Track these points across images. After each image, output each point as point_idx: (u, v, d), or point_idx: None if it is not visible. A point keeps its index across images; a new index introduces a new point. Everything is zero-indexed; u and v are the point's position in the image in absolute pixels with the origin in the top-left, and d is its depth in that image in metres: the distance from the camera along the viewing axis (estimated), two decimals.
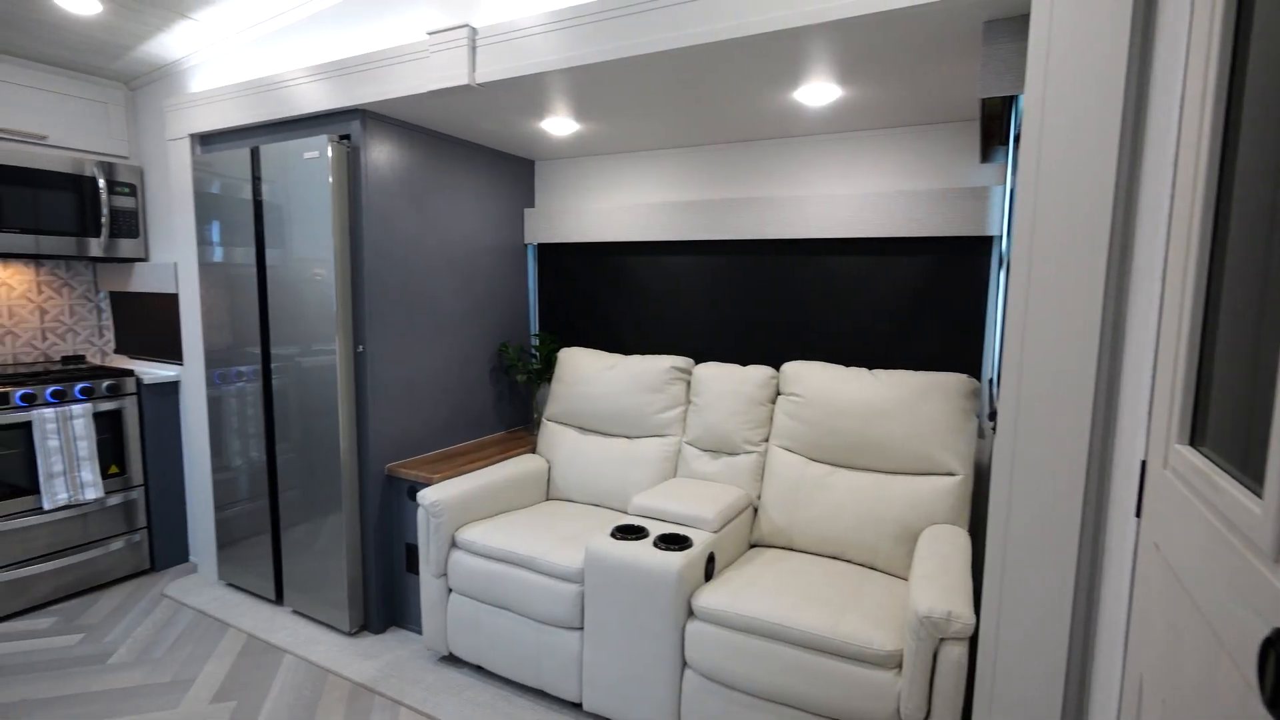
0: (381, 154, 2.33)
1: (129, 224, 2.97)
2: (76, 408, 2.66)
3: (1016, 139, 1.57)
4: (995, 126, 1.82)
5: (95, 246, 2.86)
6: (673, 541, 1.88)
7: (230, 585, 2.84)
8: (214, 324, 2.69)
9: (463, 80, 1.93)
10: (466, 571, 2.16)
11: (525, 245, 3.06)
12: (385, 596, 2.49)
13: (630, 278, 2.84)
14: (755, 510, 2.27)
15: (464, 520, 2.25)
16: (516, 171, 2.95)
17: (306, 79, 2.30)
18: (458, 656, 2.24)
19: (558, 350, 2.98)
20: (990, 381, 2.07)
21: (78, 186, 2.79)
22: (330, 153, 2.23)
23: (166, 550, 3.02)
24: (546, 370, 2.92)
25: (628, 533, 1.95)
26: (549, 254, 3.06)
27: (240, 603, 2.70)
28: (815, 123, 2.25)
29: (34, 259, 2.99)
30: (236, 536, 2.75)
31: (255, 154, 2.44)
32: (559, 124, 2.38)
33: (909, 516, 1.97)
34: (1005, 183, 2.00)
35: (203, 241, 2.67)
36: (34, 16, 2.33)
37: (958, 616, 1.40)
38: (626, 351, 2.87)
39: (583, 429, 2.66)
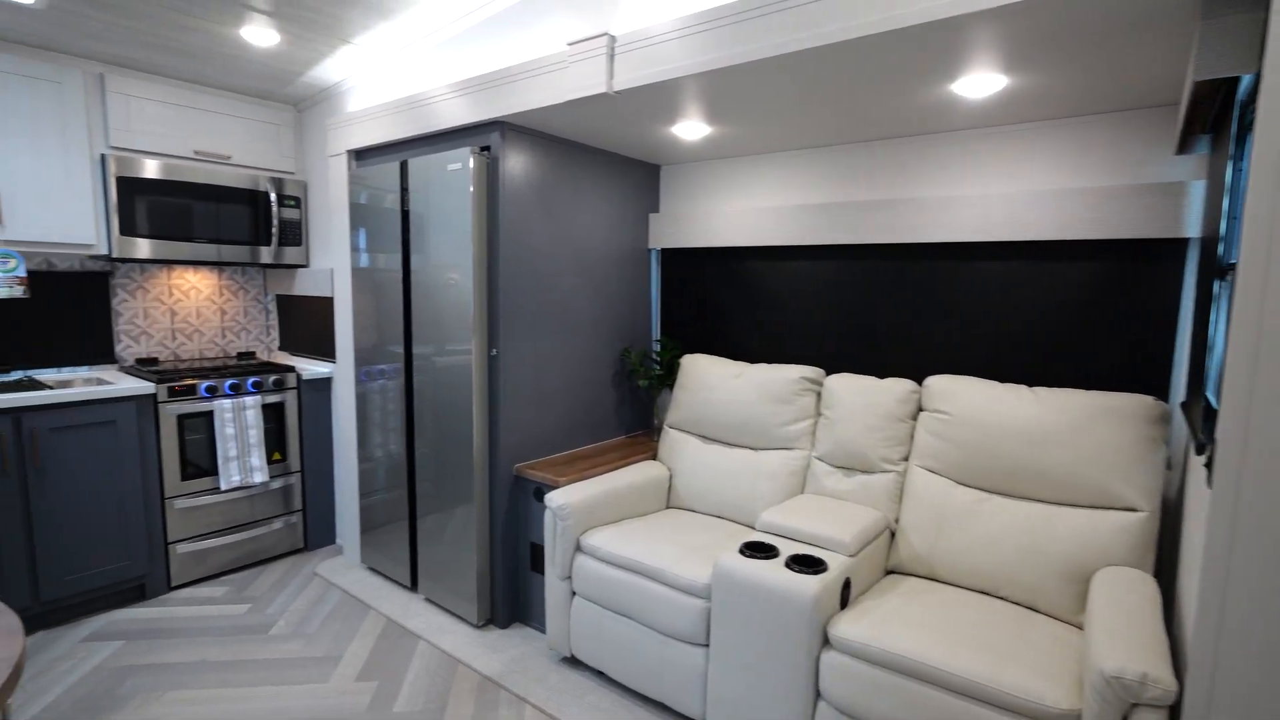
0: (517, 163, 2.41)
1: (294, 234, 3.27)
2: (249, 399, 2.95)
3: (1238, 126, 1.34)
4: (1201, 113, 1.58)
5: (266, 254, 3.17)
6: (805, 563, 1.79)
7: (371, 569, 3.05)
8: (363, 325, 2.90)
9: (600, 89, 1.94)
10: (591, 576, 2.17)
11: (649, 250, 3.06)
12: (510, 593, 2.56)
13: (757, 283, 2.76)
14: (892, 534, 2.11)
15: (589, 525, 2.27)
16: (642, 177, 2.96)
17: (450, 95, 2.42)
18: (580, 659, 2.26)
19: (680, 356, 2.95)
20: (1182, 405, 1.80)
21: (253, 200, 3.11)
22: (472, 164, 2.33)
23: (317, 532, 3.30)
24: (668, 376, 2.90)
25: (757, 550, 1.88)
26: (673, 259, 3.03)
27: (379, 587, 2.88)
28: (970, 116, 2.07)
29: (217, 265, 3.36)
30: (377, 522, 2.94)
31: (404, 167, 2.60)
32: (690, 128, 2.34)
33: (1079, 555, 1.75)
34: (1208, 178, 1.73)
35: (355, 249, 2.89)
36: (226, 51, 2.61)
37: (1156, 680, 1.22)
38: (751, 360, 2.79)
39: (705, 438, 2.61)
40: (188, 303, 3.30)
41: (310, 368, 3.25)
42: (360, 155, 2.97)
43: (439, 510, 2.63)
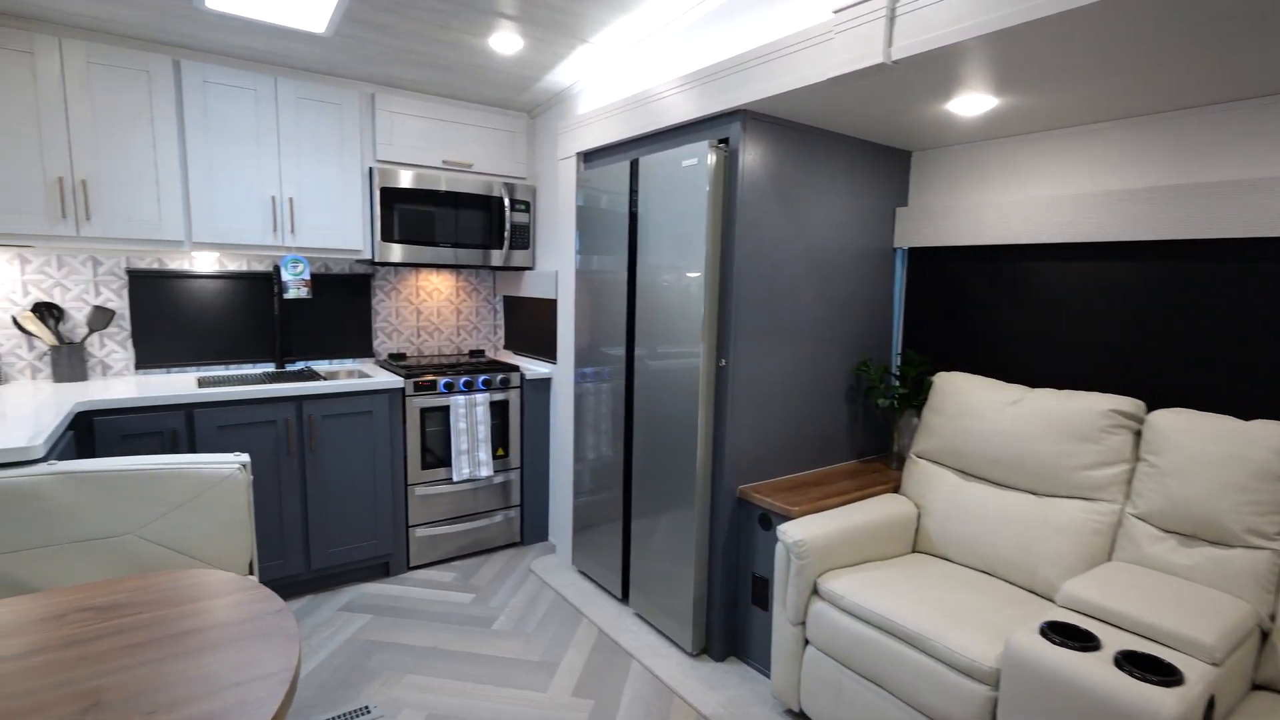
0: (756, 155, 2.18)
1: (523, 237, 3.38)
2: (479, 396, 3.09)
3: None
4: None
5: (497, 257, 3.31)
6: (1145, 666, 1.34)
7: (582, 573, 3.04)
8: (584, 327, 2.88)
9: (875, 59, 1.64)
10: (831, 628, 1.88)
11: (892, 250, 2.67)
12: (727, 623, 2.36)
13: (1036, 289, 2.25)
14: (1264, 635, 1.55)
15: (827, 565, 1.98)
16: (889, 165, 2.58)
17: (684, 87, 2.26)
18: (810, 717, 1.98)
19: (929, 373, 2.53)
20: None
21: (488, 206, 3.25)
22: (710, 159, 2.15)
23: (533, 528, 3.38)
24: (913, 395, 2.50)
25: (1067, 635, 1.45)
26: (922, 259, 2.61)
27: (590, 593, 2.85)
28: None
29: (456, 268, 3.59)
30: (589, 524, 2.91)
31: (634, 166, 2.51)
32: (971, 102, 1.94)
33: None
34: None
35: (580, 251, 2.87)
36: (475, 62, 2.72)
37: None
38: (1026, 382, 2.29)
39: (966, 473, 2.18)
40: (431, 303, 3.56)
41: (532, 367, 3.33)
42: (588, 157, 2.95)
43: (653, 521, 2.50)
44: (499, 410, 3.21)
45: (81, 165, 2.36)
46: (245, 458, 1.89)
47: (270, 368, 3.10)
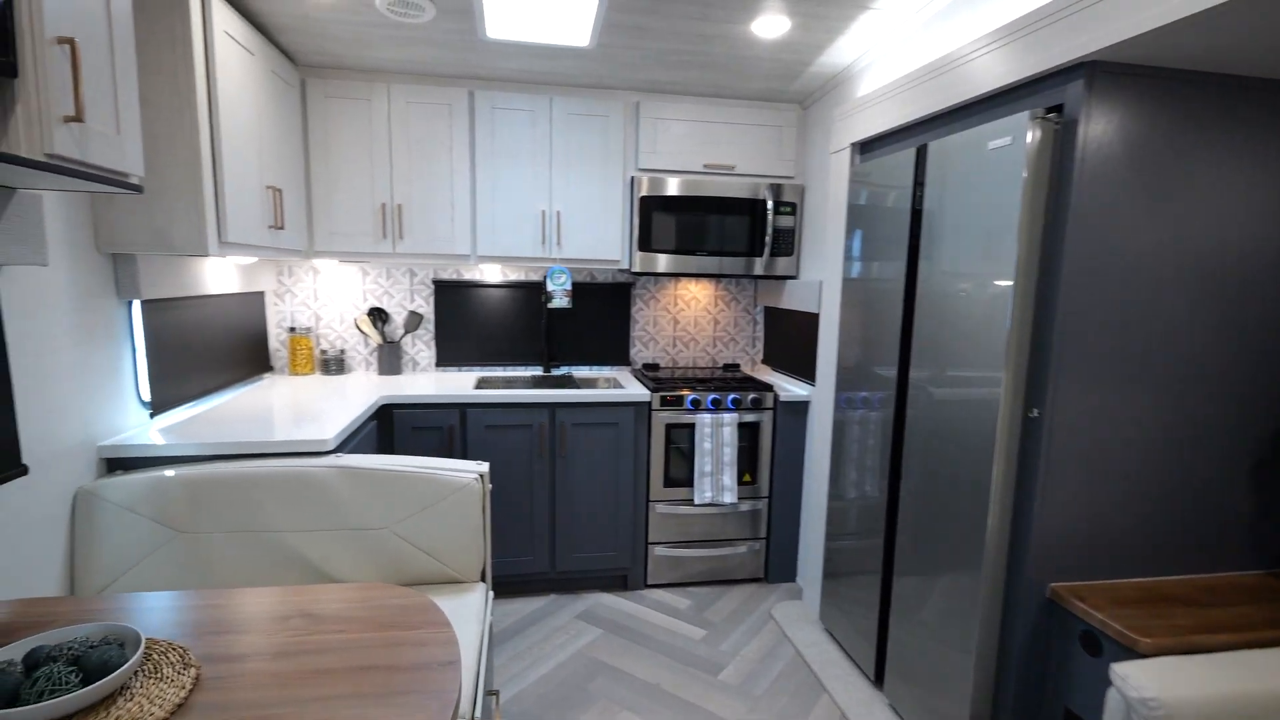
0: (1108, 125, 1.53)
1: (786, 242, 3.05)
2: (726, 416, 2.86)
3: None
4: None
5: (758, 265, 3.04)
6: None
7: (828, 632, 2.62)
8: (849, 344, 2.45)
9: None
10: None
11: None
12: None
13: None
14: None
15: None
16: None
17: (997, 44, 1.70)
18: None
19: None
20: None
21: (751, 210, 2.99)
22: (1030, 135, 1.57)
23: (779, 565, 3.05)
24: None
25: None
26: None
27: (836, 662, 2.42)
28: None
29: (714, 277, 3.42)
30: (842, 572, 2.48)
31: (920, 154, 2.01)
32: None
33: None
34: None
35: (849, 257, 2.45)
36: (738, 54, 2.49)
37: None
38: None
39: None
40: (688, 313, 3.45)
41: (788, 387, 2.99)
42: (865, 148, 2.50)
43: (922, 587, 1.99)
44: (748, 432, 2.94)
45: (398, 193, 2.74)
46: (484, 467, 1.94)
47: (538, 371, 3.30)
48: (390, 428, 2.61)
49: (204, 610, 1.24)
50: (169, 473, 1.71)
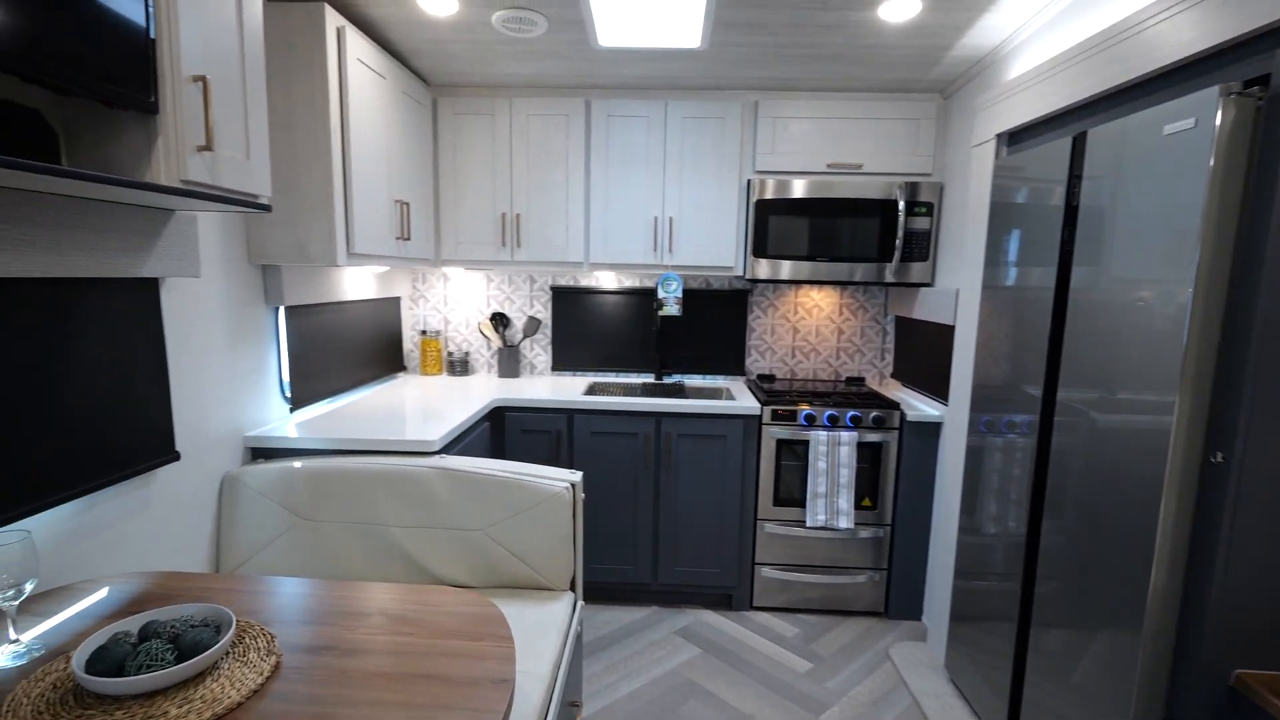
0: None
1: (921, 246, 2.77)
2: (844, 435, 2.65)
3: None
4: None
5: (888, 271, 2.79)
6: None
7: (953, 683, 2.33)
8: (987, 358, 2.16)
9: None
10: None
11: None
12: None
13: None
14: None
15: None
16: None
17: (1183, 3, 1.40)
18: None
19: None
20: None
21: (880, 211, 2.75)
22: (1219, 115, 1.27)
23: (901, 600, 2.77)
24: None
25: None
26: None
27: (958, 718, 2.14)
28: None
29: (838, 284, 3.19)
30: (971, 616, 2.19)
31: (1078, 143, 1.71)
32: None
33: None
34: None
35: (990, 263, 2.16)
36: (866, 43, 2.29)
37: None
38: None
39: None
40: (809, 321, 3.26)
41: (918, 406, 2.71)
42: (1013, 139, 2.20)
43: (1068, 644, 1.69)
44: (870, 453, 2.71)
45: (516, 203, 2.84)
46: (576, 477, 1.94)
47: (650, 378, 3.27)
48: (502, 429, 2.71)
49: (300, 598, 1.34)
50: (296, 464, 1.89)
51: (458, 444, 2.23)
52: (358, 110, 2.08)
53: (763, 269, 2.80)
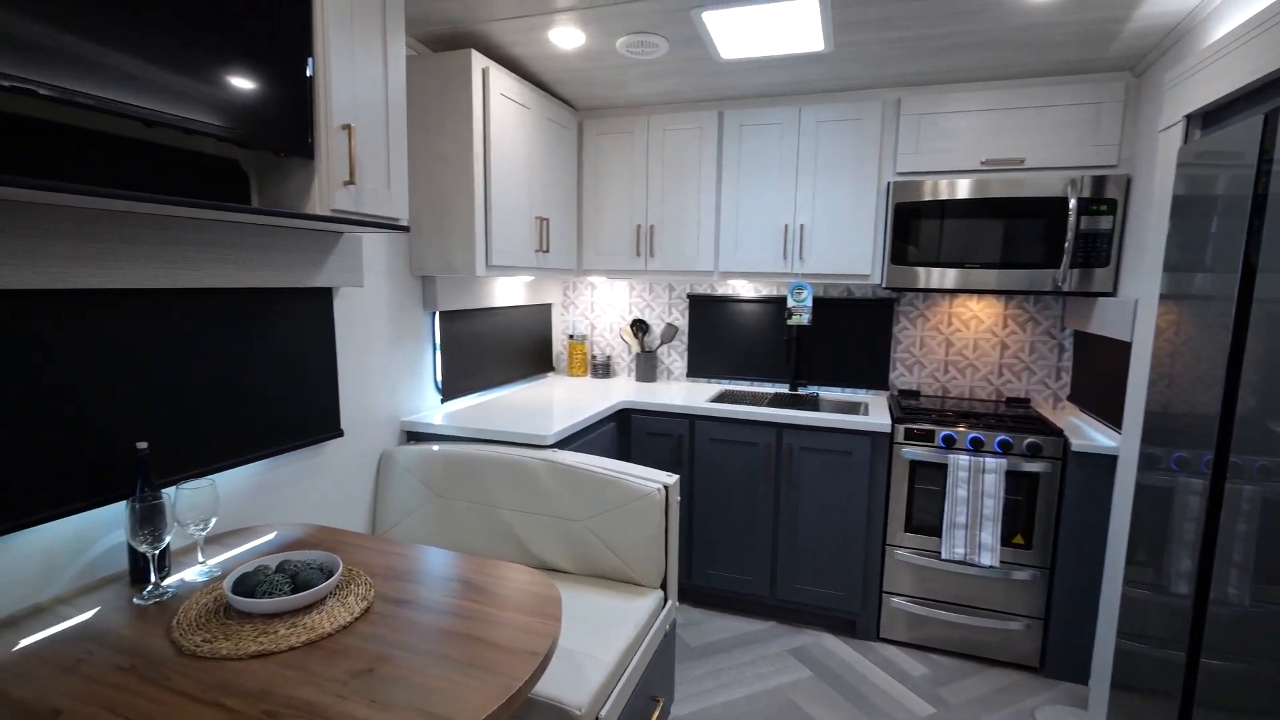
0: None
1: (1101, 250, 2.39)
2: (990, 461, 2.38)
3: None
4: None
5: (1059, 279, 2.44)
6: None
7: None
8: (1160, 381, 1.82)
9: None
10: None
11: None
12: None
13: None
14: None
15: None
16: None
17: None
18: None
19: None
20: None
21: (1048, 211, 2.43)
22: None
23: (1061, 656, 2.41)
24: None
25: None
26: None
27: None
28: None
29: (999, 294, 2.86)
30: (1133, 684, 1.85)
31: (1270, 121, 1.40)
32: None
33: None
34: None
35: (1167, 267, 1.82)
36: (1012, 23, 2.06)
37: None
38: None
39: None
40: (965, 334, 2.96)
41: (1091, 435, 2.35)
42: (1206, 121, 1.83)
43: None
44: (1024, 484, 2.40)
45: (651, 215, 2.97)
46: (671, 479, 2.00)
47: (784, 388, 3.21)
48: (629, 431, 2.85)
49: (409, 560, 1.57)
50: (434, 447, 2.19)
51: (576, 440, 2.41)
52: (499, 139, 2.35)
53: (903, 276, 2.61)
